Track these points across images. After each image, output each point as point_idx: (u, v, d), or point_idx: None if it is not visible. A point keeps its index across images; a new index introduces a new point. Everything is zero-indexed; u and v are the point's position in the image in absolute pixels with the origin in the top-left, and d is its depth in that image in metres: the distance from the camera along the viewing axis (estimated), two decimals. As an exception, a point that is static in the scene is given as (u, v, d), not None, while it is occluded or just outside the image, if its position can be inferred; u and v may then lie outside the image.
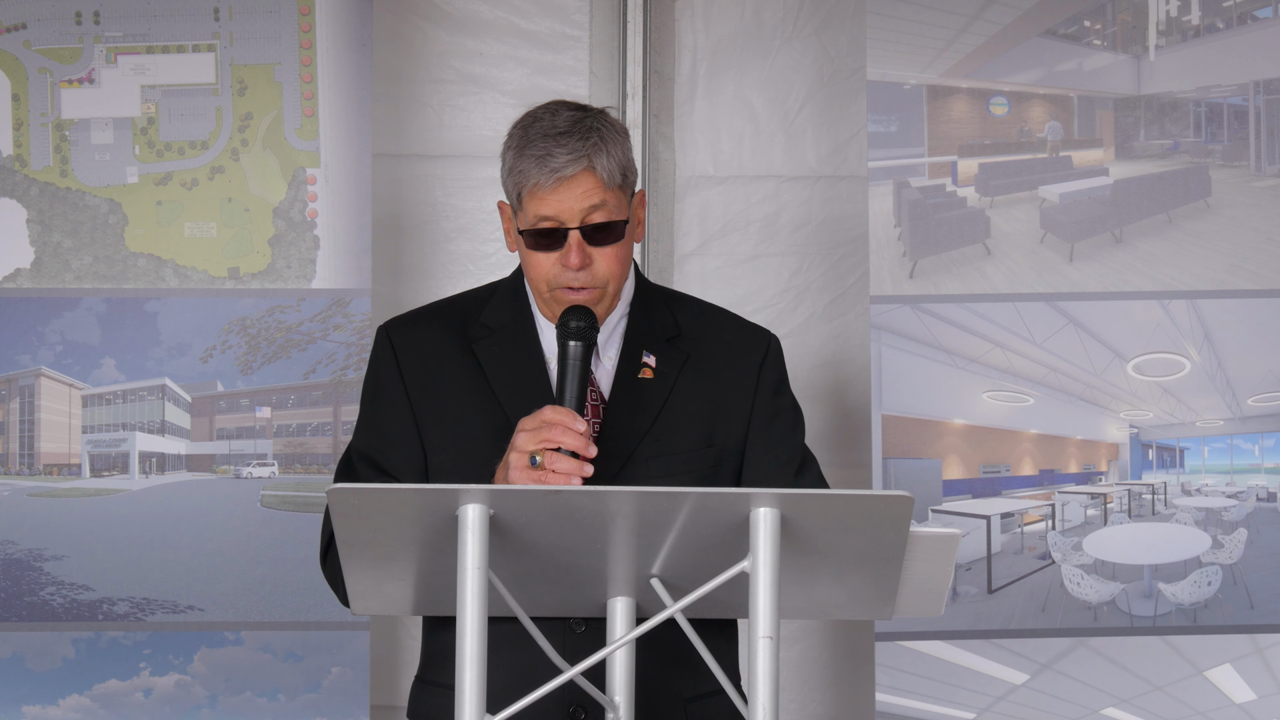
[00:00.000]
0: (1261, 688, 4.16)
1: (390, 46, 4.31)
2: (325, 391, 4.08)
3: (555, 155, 2.70)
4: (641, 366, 2.83)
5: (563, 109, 2.77)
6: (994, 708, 4.14)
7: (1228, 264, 4.18)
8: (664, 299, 2.93)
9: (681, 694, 2.79)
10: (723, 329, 2.92)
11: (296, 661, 4.05)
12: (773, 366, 2.90)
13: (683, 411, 2.82)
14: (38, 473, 4.08)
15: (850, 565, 2.35)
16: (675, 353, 2.85)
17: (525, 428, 2.61)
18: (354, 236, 4.08)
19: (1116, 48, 4.22)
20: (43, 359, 4.05)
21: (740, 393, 2.86)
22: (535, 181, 2.71)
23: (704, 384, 2.85)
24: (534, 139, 2.72)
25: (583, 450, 2.58)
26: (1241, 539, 4.19)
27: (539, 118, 2.76)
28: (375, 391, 2.89)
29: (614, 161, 2.73)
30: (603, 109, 2.81)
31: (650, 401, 2.81)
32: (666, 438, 2.80)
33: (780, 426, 2.89)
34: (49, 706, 4.02)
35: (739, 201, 4.42)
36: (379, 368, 2.89)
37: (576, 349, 2.67)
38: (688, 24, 4.42)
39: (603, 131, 2.74)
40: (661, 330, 2.87)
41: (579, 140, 2.71)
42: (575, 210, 2.72)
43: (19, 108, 4.03)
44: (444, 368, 2.85)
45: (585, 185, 2.71)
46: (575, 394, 2.65)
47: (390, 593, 2.43)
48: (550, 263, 2.75)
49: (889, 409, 4.15)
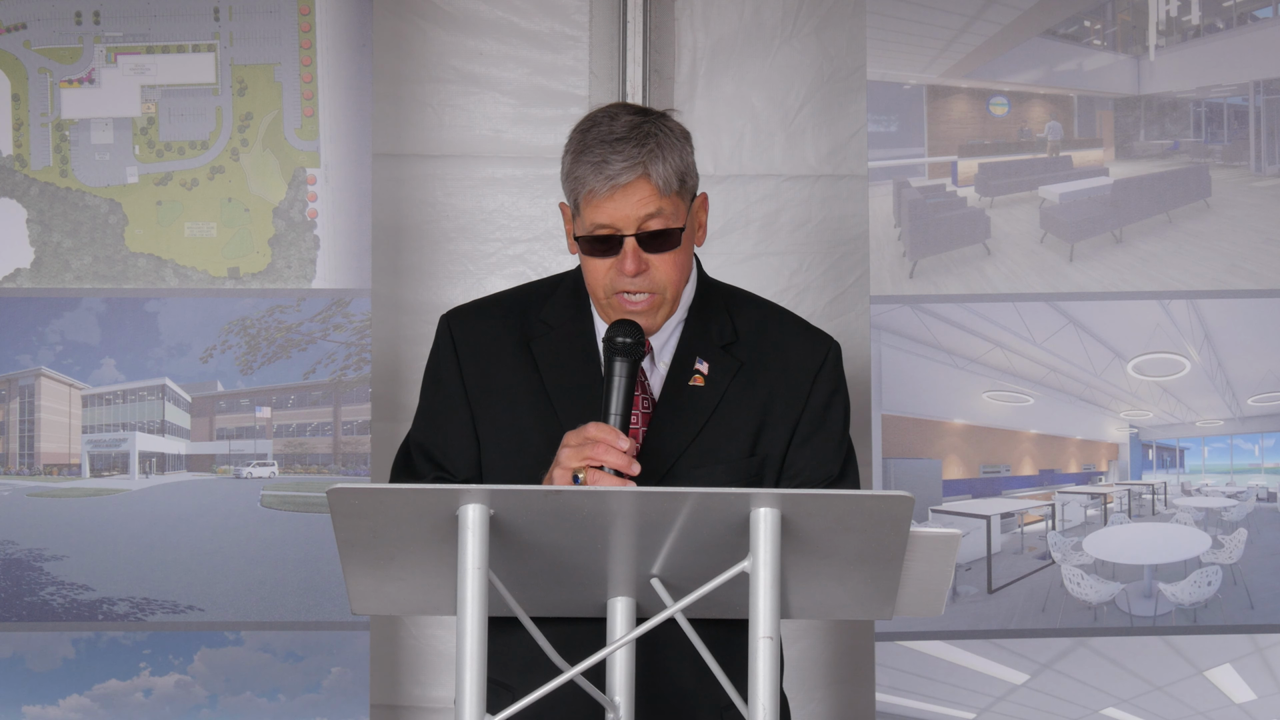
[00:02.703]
0: (1261, 688, 4.16)
1: (390, 46, 4.31)
2: (325, 391, 4.08)
3: (611, 162, 2.67)
4: (694, 374, 2.82)
5: (623, 113, 2.74)
6: (994, 708, 4.14)
7: (1228, 264, 4.18)
8: (725, 302, 2.90)
9: (718, 703, 2.75)
10: (782, 335, 2.89)
11: (296, 661, 4.05)
12: (828, 377, 2.87)
13: (730, 420, 2.81)
14: (38, 473, 4.08)
15: (850, 565, 2.35)
16: (729, 360, 2.83)
17: (569, 444, 2.60)
18: (354, 236, 4.07)
19: (1116, 48, 4.21)
20: (43, 359, 4.05)
21: (791, 403, 2.83)
22: (591, 188, 2.69)
23: (755, 392, 2.82)
24: (591, 144, 2.70)
25: (625, 468, 2.57)
26: (1241, 539, 4.18)
27: (598, 122, 2.73)
28: (435, 383, 2.89)
29: (670, 168, 2.70)
30: (664, 112, 2.78)
31: (699, 409, 2.80)
32: (712, 446, 2.79)
33: (824, 441, 2.86)
34: (49, 706, 4.02)
35: (739, 201, 4.42)
36: (439, 358, 2.88)
37: (622, 366, 2.65)
38: (687, 24, 4.41)
39: (660, 137, 2.71)
40: (718, 336, 2.85)
41: (635, 147, 2.68)
42: (631, 218, 2.70)
43: (19, 108, 4.03)
44: (501, 362, 2.84)
45: (641, 193, 2.69)
46: (620, 411, 2.63)
47: (391, 593, 2.43)
48: (606, 268, 2.73)
49: (889, 409, 4.14)
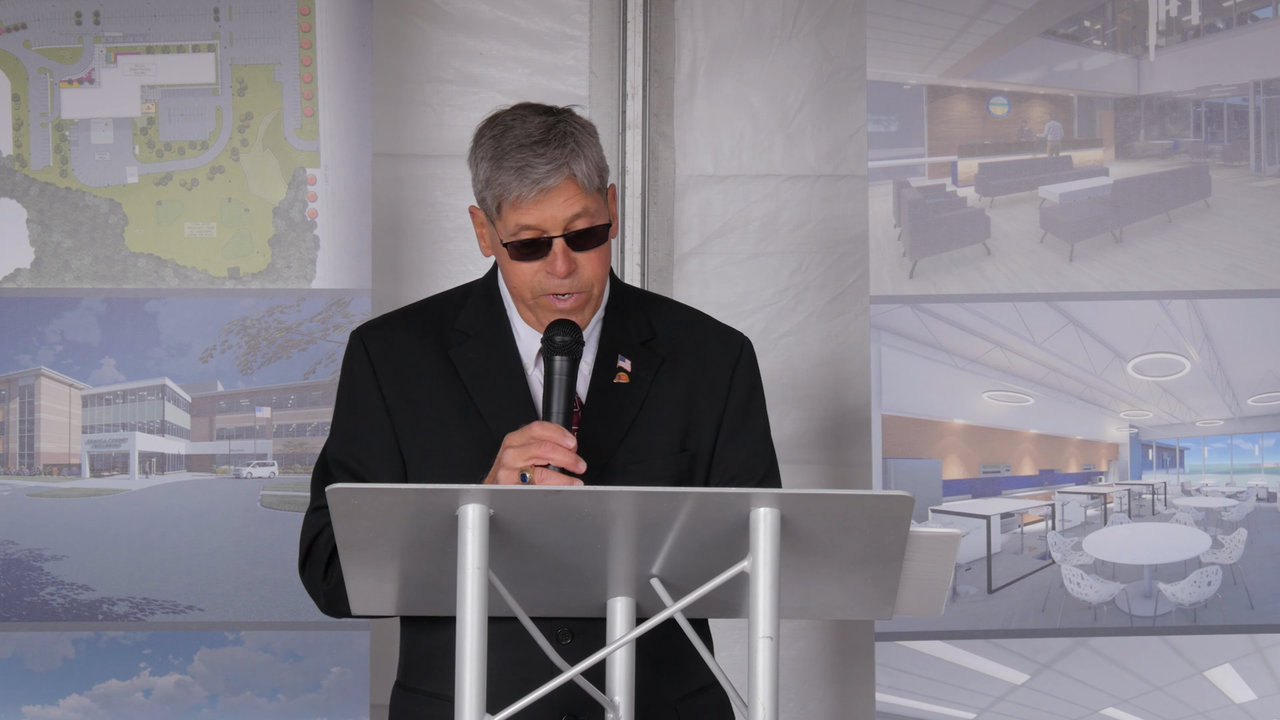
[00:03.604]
0: (1261, 688, 4.16)
1: (390, 46, 4.31)
2: (325, 391, 4.08)
3: (535, 166, 2.65)
4: (617, 371, 2.81)
5: (531, 114, 2.71)
6: (994, 708, 4.14)
7: (1228, 264, 4.18)
8: (638, 302, 2.90)
9: (671, 695, 2.78)
10: (697, 332, 2.88)
11: (296, 661, 4.05)
12: (745, 370, 2.87)
13: (658, 416, 2.80)
14: (38, 473, 4.08)
15: (850, 565, 2.35)
16: (651, 356, 2.82)
17: (513, 444, 2.57)
18: (354, 236, 4.07)
19: (1116, 48, 4.21)
20: (43, 359, 4.05)
21: (713, 398, 2.83)
22: (517, 194, 2.66)
23: (678, 388, 2.82)
24: (509, 149, 2.67)
25: (572, 466, 2.56)
26: (1241, 539, 4.18)
27: (509, 125, 2.70)
28: (351, 398, 2.83)
29: (591, 165, 2.69)
30: (568, 108, 2.76)
31: (626, 407, 2.79)
32: (642, 443, 2.78)
33: (748, 436, 2.86)
34: (49, 706, 4.02)
35: (739, 201, 4.42)
36: (354, 373, 2.83)
37: (563, 364, 2.64)
38: (687, 23, 4.42)
39: (577, 136, 2.69)
40: (636, 334, 2.84)
41: (556, 148, 2.66)
42: (558, 219, 2.68)
43: (19, 108, 4.03)
44: (421, 374, 2.81)
45: (567, 194, 2.67)
46: (562, 409, 2.62)
47: (390, 593, 2.43)
48: (534, 271, 2.71)
49: (889, 409, 4.14)
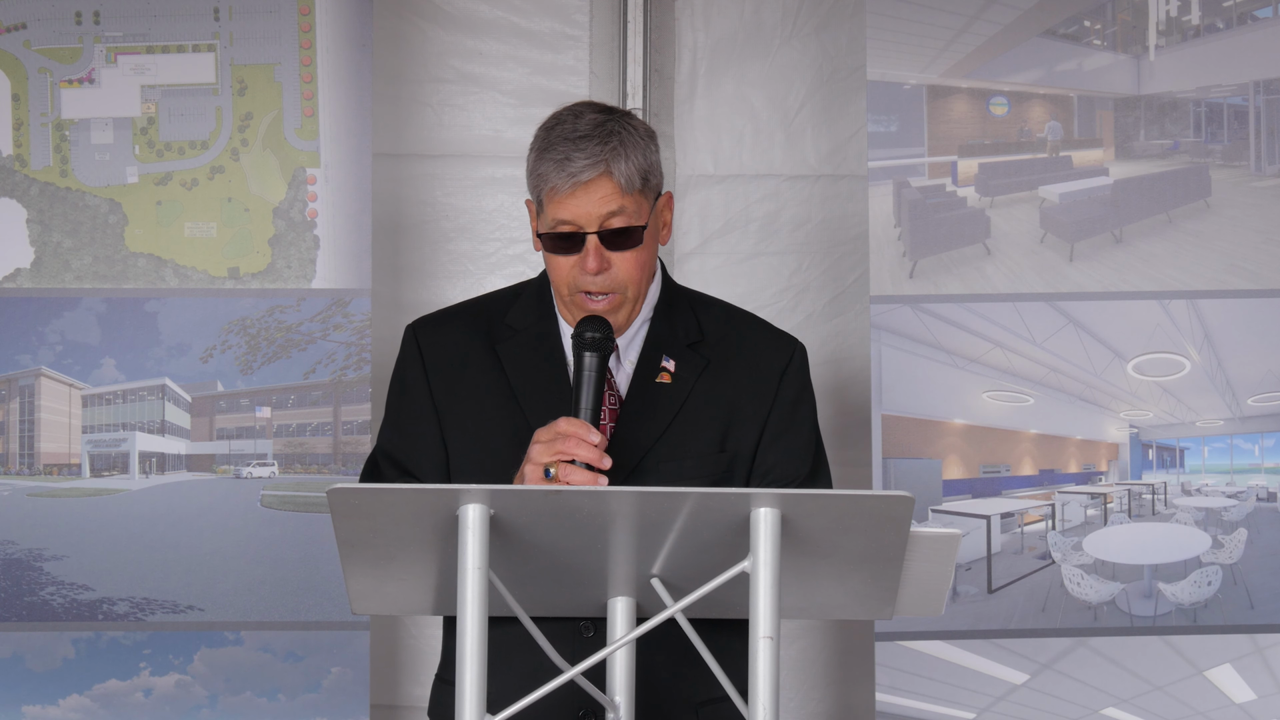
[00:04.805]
0: (1261, 688, 4.16)
1: (390, 46, 4.31)
2: (325, 391, 4.08)
3: (573, 160, 2.69)
4: (660, 371, 2.83)
5: (587, 111, 2.76)
6: (994, 708, 4.14)
7: (1228, 264, 4.18)
8: (690, 303, 2.92)
9: (692, 698, 2.77)
10: (748, 334, 2.90)
11: (296, 661, 4.05)
12: (795, 376, 2.88)
13: (697, 416, 2.81)
14: (38, 473, 4.08)
15: (850, 565, 2.35)
16: (696, 358, 2.84)
17: (540, 439, 2.60)
18: (354, 236, 4.07)
19: (1116, 48, 4.21)
20: (43, 359, 4.05)
21: (758, 400, 2.84)
22: (553, 185, 2.70)
23: (722, 389, 2.83)
24: (555, 142, 2.72)
25: (596, 462, 2.58)
26: (1241, 539, 4.18)
27: (562, 120, 2.75)
28: (401, 391, 2.90)
29: (633, 166, 2.72)
30: (629, 111, 2.81)
31: (666, 406, 2.80)
32: (679, 442, 2.80)
33: (792, 439, 2.87)
34: (49, 706, 4.02)
35: (739, 200, 4.42)
36: (405, 367, 2.89)
37: (592, 360, 2.66)
38: (688, 23, 4.42)
39: (623, 135, 2.73)
40: (684, 335, 2.86)
41: (598, 145, 2.70)
42: (593, 215, 2.71)
43: (19, 108, 4.03)
44: (468, 368, 2.85)
45: (603, 190, 2.71)
46: (590, 405, 2.64)
47: (391, 593, 2.43)
48: (569, 266, 2.74)
49: (889, 409, 4.14)
